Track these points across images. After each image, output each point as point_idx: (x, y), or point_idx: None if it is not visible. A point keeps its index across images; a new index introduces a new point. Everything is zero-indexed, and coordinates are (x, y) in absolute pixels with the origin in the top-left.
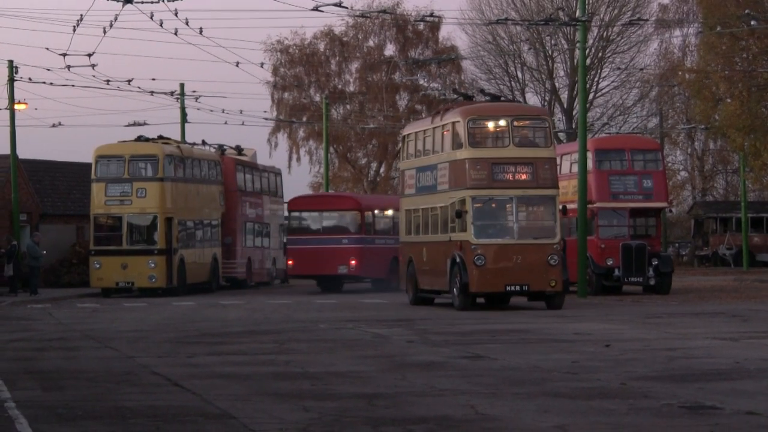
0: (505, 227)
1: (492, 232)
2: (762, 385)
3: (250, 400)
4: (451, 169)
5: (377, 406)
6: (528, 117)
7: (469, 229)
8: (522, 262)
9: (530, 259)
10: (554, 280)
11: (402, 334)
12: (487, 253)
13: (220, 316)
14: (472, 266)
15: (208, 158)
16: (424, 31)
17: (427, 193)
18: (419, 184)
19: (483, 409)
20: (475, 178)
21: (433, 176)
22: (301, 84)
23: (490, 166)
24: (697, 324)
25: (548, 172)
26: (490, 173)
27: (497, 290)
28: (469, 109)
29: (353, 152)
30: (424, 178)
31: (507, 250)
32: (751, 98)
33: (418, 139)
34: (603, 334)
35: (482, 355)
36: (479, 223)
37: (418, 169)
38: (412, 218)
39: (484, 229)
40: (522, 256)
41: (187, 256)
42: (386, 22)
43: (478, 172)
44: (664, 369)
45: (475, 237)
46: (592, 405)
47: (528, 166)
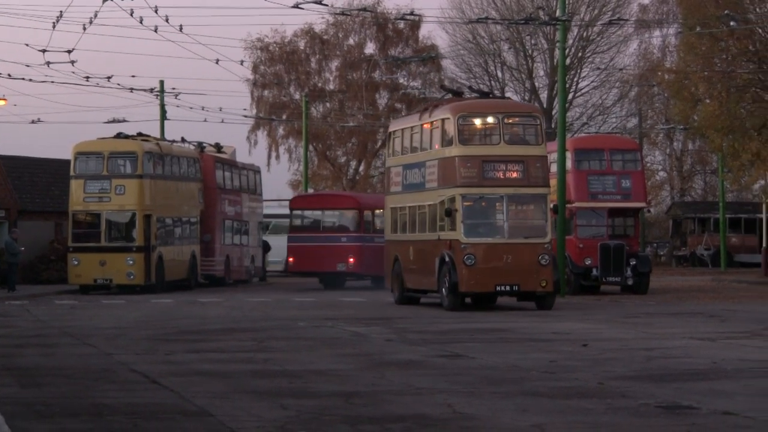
0: (496, 226)
1: (482, 231)
2: (739, 386)
3: (228, 397)
4: (440, 167)
5: (355, 404)
6: (519, 114)
7: (459, 228)
8: (512, 261)
9: (521, 258)
10: (545, 280)
11: (381, 332)
12: (477, 253)
13: (199, 314)
14: (461, 266)
15: (187, 155)
16: (405, 29)
17: (414, 191)
18: (406, 182)
19: (461, 408)
20: (465, 176)
21: (421, 174)
22: (281, 82)
23: (481, 163)
24: (674, 324)
25: (539, 170)
26: (481, 171)
27: (487, 290)
28: (460, 106)
29: (333, 150)
30: (411, 175)
31: (497, 250)
32: (730, 99)
33: (406, 136)
34: (581, 334)
35: (461, 354)
36: (469, 221)
37: (405, 167)
38: (398, 216)
39: (474, 228)
40: (512, 255)
41: (166, 254)
42: (366, 20)
43: (469, 170)
44: (642, 369)
45: (465, 236)
46: (569, 404)
47: (519, 164)
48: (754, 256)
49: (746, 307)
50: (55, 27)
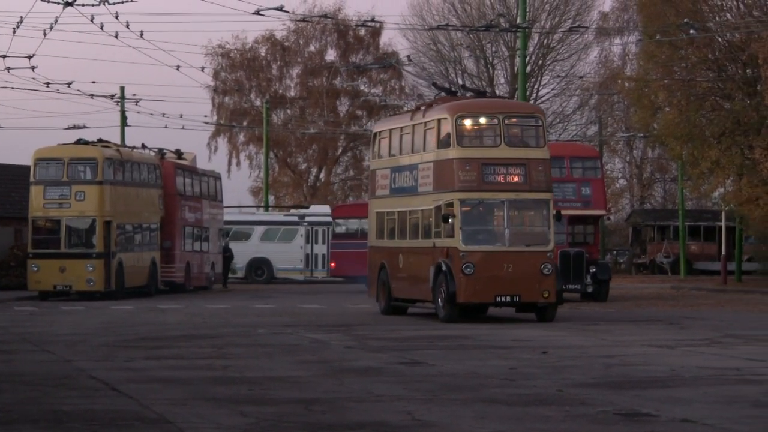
0: (496, 233)
1: (481, 239)
2: (697, 393)
3: (187, 404)
4: (436, 170)
5: (314, 411)
6: (520, 114)
7: (457, 235)
8: (513, 271)
9: (522, 267)
10: (547, 290)
11: (341, 339)
12: (476, 261)
13: (159, 321)
14: (459, 275)
15: (147, 162)
16: (365, 36)
17: (404, 195)
18: (394, 185)
19: (420, 415)
20: (463, 180)
21: (413, 177)
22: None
23: (480, 166)
24: (634, 331)
25: (542, 174)
26: (480, 175)
27: (487, 301)
28: (458, 105)
29: (293, 157)
30: (401, 178)
31: (497, 258)
32: (690, 107)
33: (394, 137)
34: (541, 341)
35: (420, 361)
36: (468, 228)
37: (394, 169)
38: (385, 221)
39: (473, 235)
40: (513, 264)
41: (126, 260)
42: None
43: (467, 174)
44: (601, 376)
45: (464, 243)
46: (528, 411)
47: (520, 168)
48: (714, 263)
49: (705, 315)
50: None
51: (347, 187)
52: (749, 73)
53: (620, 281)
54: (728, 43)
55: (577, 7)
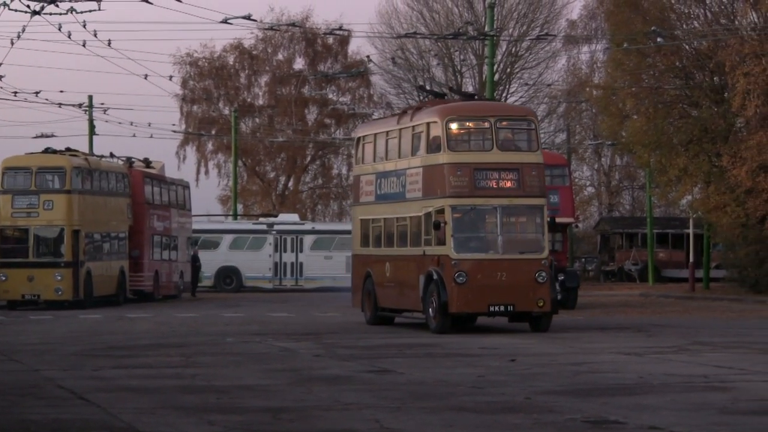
0: (489, 240)
1: (474, 246)
2: (665, 400)
3: (155, 413)
4: (425, 175)
5: (282, 419)
6: (513, 117)
7: (449, 243)
8: (507, 279)
9: (516, 276)
10: (542, 299)
11: (309, 347)
12: (468, 270)
13: (127, 329)
14: (452, 284)
15: (115, 170)
16: (334, 44)
17: (391, 201)
18: (380, 192)
19: (388, 423)
20: (455, 186)
21: (400, 183)
22: (210, 97)
23: (472, 171)
24: (602, 339)
25: (535, 179)
26: (472, 180)
27: (480, 311)
28: (448, 108)
29: (262, 166)
30: (387, 184)
31: (491, 266)
32: (658, 115)
33: (379, 141)
34: (509, 349)
35: (389, 369)
36: (460, 235)
37: (379, 175)
38: (370, 228)
39: (465, 243)
40: (507, 272)
41: (94, 269)
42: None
43: (459, 179)
44: (570, 383)
45: (456, 251)
46: (497, 419)
47: (513, 173)
48: (682, 271)
49: (673, 322)
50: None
51: (316, 195)
52: (716, 80)
53: (589, 289)
54: (695, 50)
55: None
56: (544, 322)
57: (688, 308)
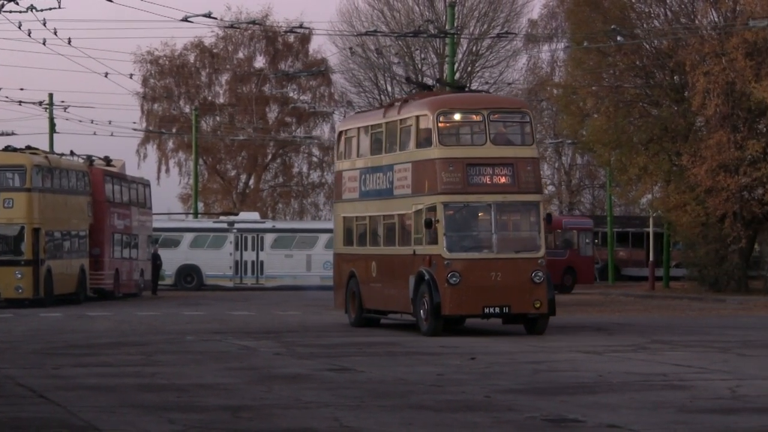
0: (483, 239)
1: (467, 245)
2: (624, 398)
3: (115, 412)
4: (414, 171)
5: (242, 418)
6: (507, 110)
7: (441, 242)
8: (502, 280)
9: (511, 276)
10: (539, 300)
11: (269, 346)
12: (462, 270)
13: (87, 328)
14: (444, 285)
15: (76, 169)
16: (295, 43)
17: (378, 198)
18: (365, 188)
19: (347, 422)
20: (447, 182)
21: (387, 179)
22: (171, 95)
23: (465, 167)
24: (562, 337)
25: (531, 174)
26: (465, 176)
27: (474, 313)
28: (439, 101)
29: (223, 164)
30: (373, 180)
31: (485, 266)
32: (618, 114)
33: (364, 136)
34: (469, 347)
35: (348, 368)
36: (453, 234)
37: (364, 171)
38: (354, 227)
39: (457, 242)
40: (502, 273)
41: (55, 267)
42: (256, 33)
43: (451, 175)
44: (529, 382)
45: (448, 251)
46: (456, 418)
47: (508, 168)
48: (642, 269)
49: (633, 321)
50: None
51: (276, 194)
52: (677, 79)
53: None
54: (656, 50)
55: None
56: (540, 324)
57: (648, 307)
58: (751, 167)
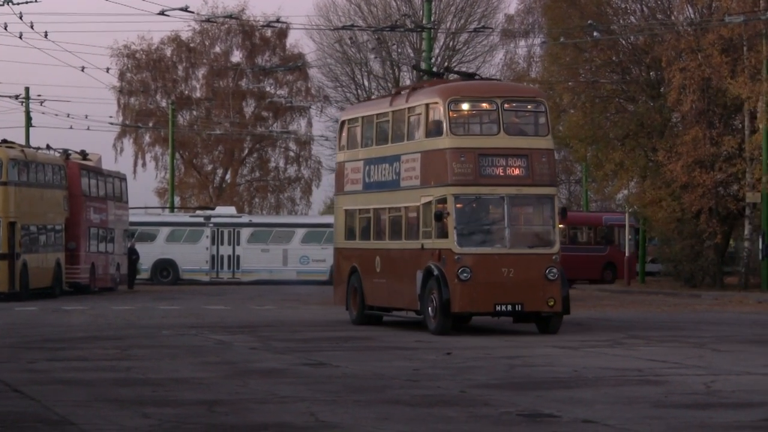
0: (495, 233)
1: (479, 240)
2: (600, 394)
3: (90, 406)
4: (423, 162)
5: (217, 412)
6: (521, 99)
7: (452, 236)
8: (515, 276)
9: (525, 272)
10: (553, 298)
11: (245, 340)
12: (473, 265)
13: (63, 322)
14: (454, 281)
15: (52, 163)
16: (272, 37)
17: (383, 190)
18: (369, 179)
19: (323, 417)
20: (458, 173)
21: (394, 170)
22: (148, 89)
23: (477, 158)
24: (537, 332)
25: (545, 166)
26: (477, 167)
27: (485, 310)
28: (450, 88)
29: (199, 158)
30: (378, 171)
31: (497, 262)
32: (594, 109)
33: (368, 125)
34: (445, 342)
35: (324, 363)
36: (464, 228)
37: (368, 161)
38: (356, 220)
39: (469, 236)
40: (515, 268)
41: (30, 261)
42: (233, 28)
43: (463, 166)
44: (504, 377)
45: (459, 245)
46: (432, 412)
47: (522, 159)
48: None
49: (609, 316)
50: None
51: (253, 188)
52: (653, 75)
53: None
54: (632, 45)
55: (483, 9)
56: (553, 323)
57: (624, 302)
58: (727, 163)
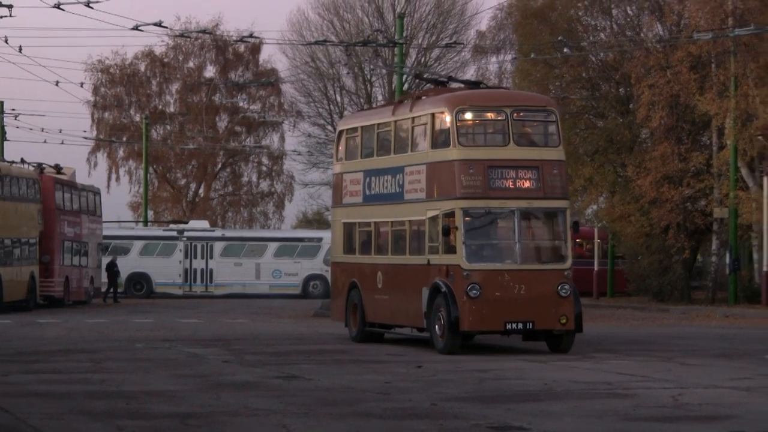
0: (505, 248)
1: (488, 255)
2: (569, 407)
3: (63, 418)
4: (430, 174)
5: (190, 425)
6: (531, 108)
7: (460, 251)
8: (526, 293)
9: (536, 289)
10: (565, 315)
11: (218, 353)
12: (482, 282)
13: (37, 335)
14: (463, 298)
15: (26, 176)
16: (245, 53)
17: (385, 203)
18: (370, 192)
19: (295, 429)
20: (466, 186)
21: (397, 182)
22: (122, 104)
23: (486, 169)
24: (507, 346)
25: (557, 178)
26: (486, 179)
27: (495, 329)
28: (458, 97)
29: (173, 173)
30: (379, 183)
31: (508, 278)
32: (564, 125)
33: (368, 135)
34: (415, 356)
35: (297, 375)
36: (473, 242)
37: (369, 173)
38: (356, 233)
39: (478, 251)
40: (526, 285)
41: (5, 274)
42: (206, 43)
43: (471, 178)
44: (475, 390)
45: (468, 261)
46: (402, 425)
47: (533, 171)
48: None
49: None
50: None
51: (226, 202)
52: (622, 92)
53: None
54: (602, 62)
55: (455, 25)
56: (566, 341)
57: (593, 316)
58: (695, 179)
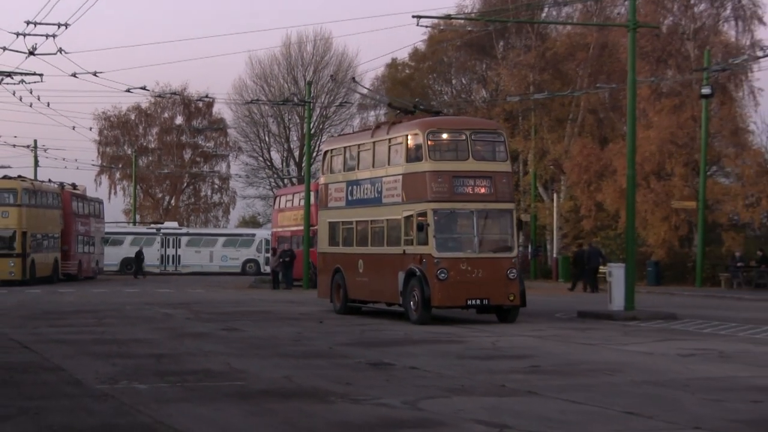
0: (467, 241)
1: (453, 246)
2: (423, 349)
3: (75, 358)
4: (406, 182)
5: (163, 362)
6: (485, 131)
7: (431, 243)
8: (482, 276)
9: (490, 273)
10: (513, 294)
11: (183, 313)
12: (449, 267)
13: (58, 300)
14: (434, 280)
15: (52, 191)
16: (203, 107)
17: (365, 206)
18: (352, 197)
19: (235, 365)
20: (436, 191)
21: (376, 189)
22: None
23: (451, 179)
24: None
25: (506, 186)
26: (451, 186)
27: (459, 304)
28: (429, 122)
29: (153, 189)
30: (360, 190)
31: (468, 264)
32: None
33: (350, 153)
34: (318, 315)
35: (237, 328)
36: (441, 236)
37: (351, 183)
38: (339, 230)
39: (445, 243)
40: (482, 270)
41: (37, 258)
42: (176, 100)
43: (440, 185)
44: (359, 338)
45: (438, 251)
46: (309, 362)
47: (487, 180)
48: None
49: None
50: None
51: (189, 209)
52: None
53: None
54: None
55: (345, 90)
56: (512, 314)
57: None
58: None
